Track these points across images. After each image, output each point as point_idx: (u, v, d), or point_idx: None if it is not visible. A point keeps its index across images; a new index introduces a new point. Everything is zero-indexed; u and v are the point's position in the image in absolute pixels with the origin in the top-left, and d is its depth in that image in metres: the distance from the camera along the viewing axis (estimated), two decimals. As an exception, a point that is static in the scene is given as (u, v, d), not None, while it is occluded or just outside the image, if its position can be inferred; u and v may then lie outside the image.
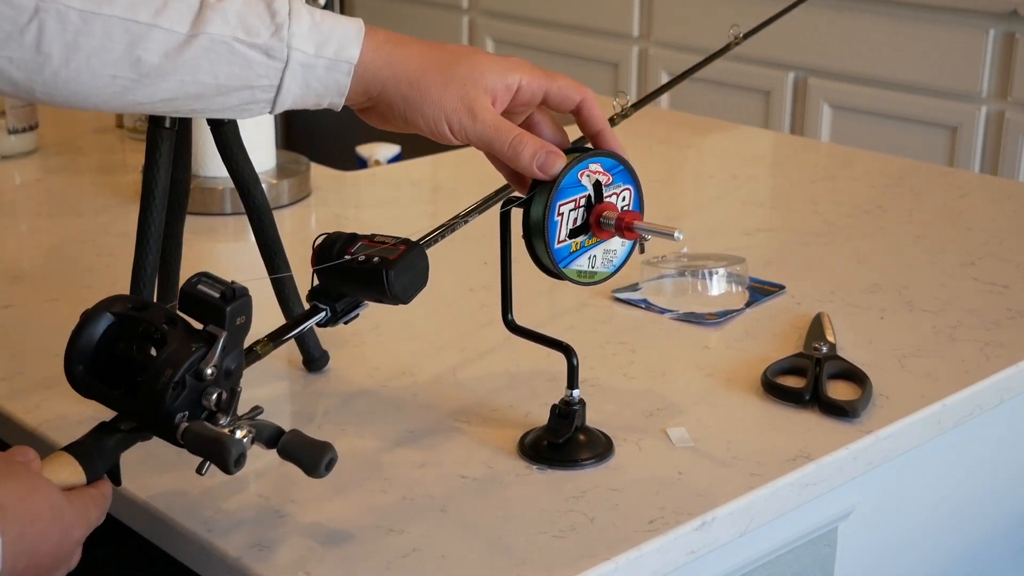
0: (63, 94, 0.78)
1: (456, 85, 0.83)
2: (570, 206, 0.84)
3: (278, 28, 0.79)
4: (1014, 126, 2.57)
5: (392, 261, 0.81)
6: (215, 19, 0.78)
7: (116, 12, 0.76)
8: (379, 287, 0.81)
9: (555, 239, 0.84)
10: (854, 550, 1.02)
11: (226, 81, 0.79)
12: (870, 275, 1.26)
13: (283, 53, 0.79)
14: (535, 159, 0.83)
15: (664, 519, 0.82)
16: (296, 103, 0.82)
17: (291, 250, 1.03)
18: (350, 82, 0.82)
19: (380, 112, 0.85)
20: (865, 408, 0.96)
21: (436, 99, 0.83)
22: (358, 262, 0.81)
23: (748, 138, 1.87)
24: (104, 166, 1.64)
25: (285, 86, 0.80)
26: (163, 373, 0.73)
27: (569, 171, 0.83)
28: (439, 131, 0.84)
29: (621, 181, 0.87)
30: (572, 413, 0.89)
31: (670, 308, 1.16)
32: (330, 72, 0.81)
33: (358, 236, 0.84)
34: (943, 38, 2.60)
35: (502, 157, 0.84)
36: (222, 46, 0.78)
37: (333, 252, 0.83)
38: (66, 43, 0.75)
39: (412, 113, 0.83)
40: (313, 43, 0.80)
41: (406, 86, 0.83)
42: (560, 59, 3.38)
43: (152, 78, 0.78)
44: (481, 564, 0.77)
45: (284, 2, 0.81)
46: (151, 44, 0.76)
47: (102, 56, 0.76)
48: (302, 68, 0.80)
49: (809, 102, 2.88)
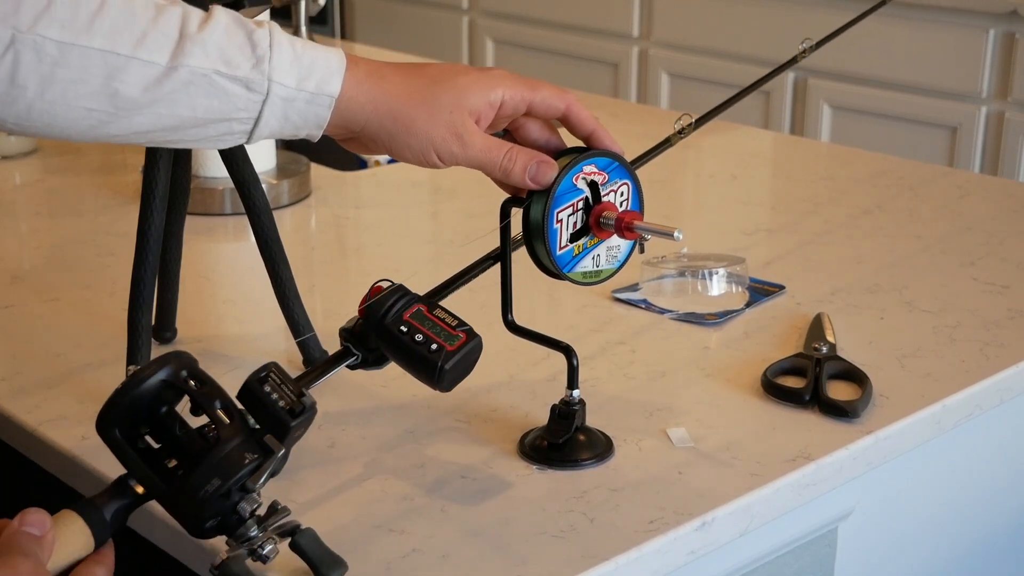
0: (36, 125, 0.76)
1: (441, 113, 0.82)
2: (568, 211, 0.84)
3: (259, 60, 0.78)
4: (1014, 126, 2.57)
5: (450, 353, 0.79)
6: (195, 51, 0.76)
7: (95, 43, 0.74)
8: (428, 372, 0.79)
9: (556, 246, 0.84)
10: (854, 550, 1.02)
11: (204, 114, 0.78)
12: (870, 275, 1.26)
13: (263, 86, 0.78)
14: (527, 172, 0.83)
15: (664, 519, 0.82)
16: (273, 134, 0.81)
17: (291, 250, 1.03)
18: (330, 116, 0.81)
19: (363, 143, 0.84)
20: (865, 408, 0.96)
21: (423, 131, 0.82)
22: (415, 341, 0.80)
23: (748, 138, 1.87)
24: (104, 166, 1.64)
25: (264, 118, 0.79)
26: (209, 480, 0.68)
27: (563, 177, 0.83)
28: (428, 161, 0.83)
29: (618, 177, 0.87)
30: (572, 413, 0.89)
31: (670, 308, 1.16)
32: (310, 105, 0.80)
33: (418, 299, 0.82)
34: (943, 38, 2.60)
35: (495, 178, 0.85)
36: (202, 79, 0.76)
37: (388, 306, 0.81)
38: (42, 75, 0.74)
39: (398, 146, 0.83)
40: (294, 76, 0.79)
41: (390, 120, 0.82)
42: (560, 59, 3.38)
43: (129, 111, 0.76)
44: (481, 564, 0.77)
45: (265, 32, 0.79)
46: (129, 77, 0.75)
47: (78, 88, 0.74)
48: (282, 101, 0.79)
49: (809, 102, 2.88)
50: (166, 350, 1.07)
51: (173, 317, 1.08)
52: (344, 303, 1.19)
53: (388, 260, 1.30)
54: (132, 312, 0.95)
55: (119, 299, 0.83)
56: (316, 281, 1.25)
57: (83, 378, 1.02)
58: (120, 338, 0.97)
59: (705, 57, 3.06)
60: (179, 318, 1.09)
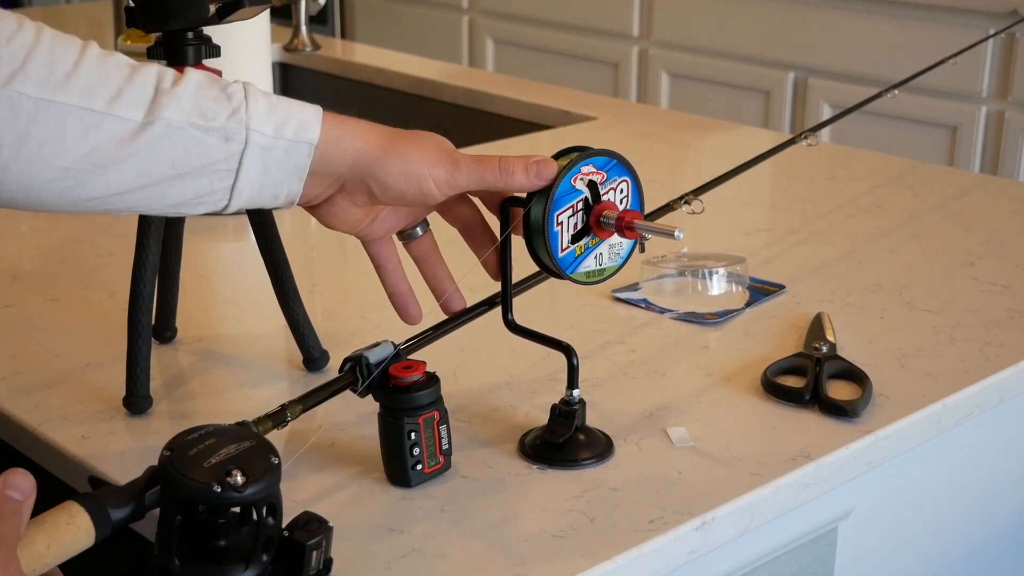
0: (11, 188, 0.74)
1: (429, 143, 0.83)
2: (568, 213, 0.84)
3: (235, 111, 0.77)
4: (1014, 126, 2.57)
5: (425, 475, 0.86)
6: (170, 104, 0.75)
7: (71, 100, 0.73)
8: (396, 473, 0.86)
9: (558, 248, 0.84)
10: (854, 550, 1.02)
11: (183, 169, 0.77)
12: (870, 275, 1.26)
13: (241, 135, 0.77)
14: (529, 173, 0.82)
15: (664, 519, 0.82)
16: (253, 195, 0.79)
17: (291, 250, 1.03)
18: (310, 164, 0.79)
19: (348, 193, 0.83)
20: (865, 408, 0.96)
21: (416, 156, 0.81)
22: (410, 446, 0.85)
23: (748, 138, 1.87)
24: (104, 166, 1.64)
25: (243, 171, 0.78)
26: None
27: (563, 178, 0.83)
28: (423, 190, 0.82)
29: (616, 175, 0.87)
30: (572, 413, 0.89)
31: (670, 308, 1.16)
32: (289, 155, 0.79)
33: (439, 402, 0.85)
34: (943, 38, 2.60)
35: (497, 186, 0.83)
36: (178, 132, 0.76)
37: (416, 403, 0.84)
38: (18, 133, 0.72)
39: (392, 179, 0.81)
40: (271, 124, 0.78)
41: (380, 151, 0.81)
42: (560, 59, 3.38)
43: (106, 167, 0.75)
44: (481, 564, 0.77)
45: (239, 86, 0.79)
46: (105, 133, 0.74)
47: (54, 146, 0.73)
48: (261, 150, 0.78)
49: (809, 102, 2.88)
50: (166, 350, 1.07)
51: (173, 317, 1.08)
52: (344, 303, 1.19)
53: (388, 260, 1.30)
54: (132, 312, 0.95)
55: (119, 299, 0.83)
56: (316, 281, 1.25)
57: (83, 378, 1.02)
58: (120, 338, 0.97)
59: (705, 57, 3.06)
60: (179, 318, 1.09)
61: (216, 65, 0.97)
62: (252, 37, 1.50)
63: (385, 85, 2.21)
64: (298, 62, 2.33)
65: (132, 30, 1.73)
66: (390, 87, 2.20)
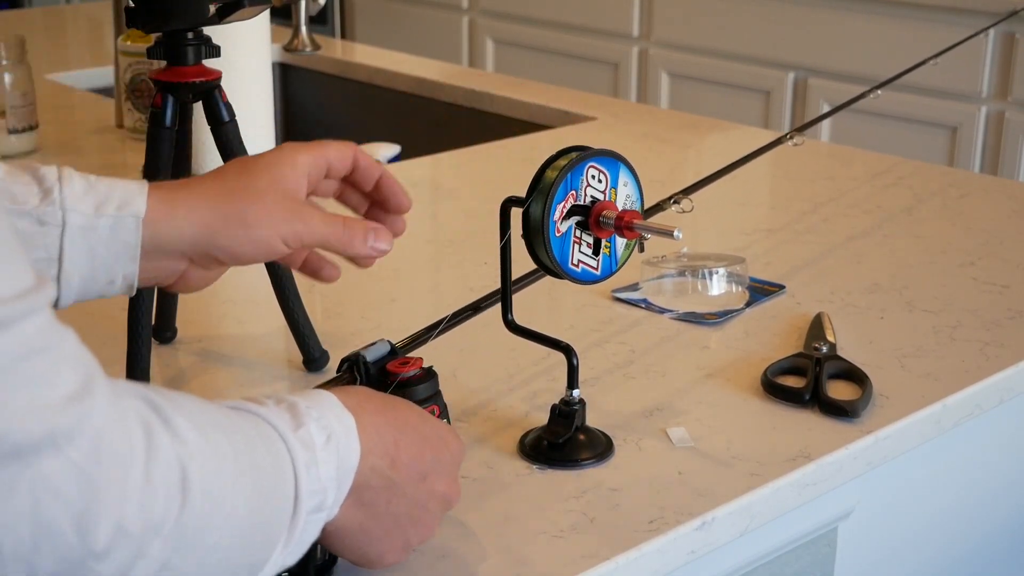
0: None
1: (267, 198, 0.77)
2: (568, 210, 0.84)
3: (47, 192, 0.72)
4: (1014, 126, 2.57)
5: None
6: None
7: None
8: None
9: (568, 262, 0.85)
10: (854, 550, 1.02)
11: None
12: (870, 275, 1.26)
13: (58, 217, 0.71)
14: (367, 240, 0.81)
15: (664, 519, 0.82)
16: (85, 282, 0.74)
17: (291, 250, 1.03)
18: (140, 241, 0.74)
19: (199, 265, 0.78)
20: (865, 408, 0.96)
21: (259, 219, 0.76)
22: None
23: (748, 138, 1.87)
24: (104, 166, 1.64)
25: (66, 255, 0.72)
26: None
27: (564, 177, 0.83)
28: (275, 250, 0.78)
29: (618, 176, 0.86)
30: (572, 413, 0.89)
31: (670, 308, 1.16)
32: (115, 232, 0.73)
33: (439, 396, 0.85)
34: (943, 38, 2.60)
35: (338, 248, 0.81)
36: None
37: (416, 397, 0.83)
38: None
39: (239, 245, 0.76)
40: (90, 203, 0.72)
41: (220, 222, 0.76)
42: (560, 59, 3.38)
43: None
44: (481, 564, 0.77)
45: (52, 168, 0.73)
46: None
47: None
48: (82, 231, 0.72)
49: (809, 102, 2.88)
50: (166, 350, 1.07)
51: (173, 317, 1.08)
52: (344, 303, 1.19)
53: (388, 260, 1.30)
54: (132, 312, 0.95)
55: (119, 299, 0.83)
56: (316, 281, 1.24)
57: (83, 378, 1.02)
58: (120, 338, 0.97)
59: (705, 57, 3.06)
60: (179, 318, 1.09)
61: (216, 65, 0.97)
62: (252, 37, 1.50)
63: (385, 85, 2.21)
64: (298, 62, 2.33)
65: (132, 30, 1.73)
66: (390, 87, 2.20)
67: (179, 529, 0.55)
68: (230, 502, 0.59)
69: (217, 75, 0.96)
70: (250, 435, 0.63)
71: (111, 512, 0.52)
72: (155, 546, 0.54)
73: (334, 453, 0.66)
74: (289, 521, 0.64)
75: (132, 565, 0.54)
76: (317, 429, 0.66)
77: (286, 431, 0.65)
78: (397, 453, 0.70)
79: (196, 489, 0.56)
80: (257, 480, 0.61)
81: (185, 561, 0.56)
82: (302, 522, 0.64)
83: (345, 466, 0.67)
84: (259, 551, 0.62)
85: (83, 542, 0.52)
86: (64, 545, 0.51)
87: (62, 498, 0.51)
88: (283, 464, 0.64)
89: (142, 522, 0.54)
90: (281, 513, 0.63)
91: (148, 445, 0.54)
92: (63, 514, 0.51)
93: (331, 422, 0.67)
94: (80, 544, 0.52)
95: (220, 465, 0.58)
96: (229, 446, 0.60)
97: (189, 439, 0.57)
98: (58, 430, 0.50)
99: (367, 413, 0.69)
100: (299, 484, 0.64)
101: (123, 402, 0.55)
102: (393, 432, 0.71)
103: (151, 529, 0.54)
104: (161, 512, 0.54)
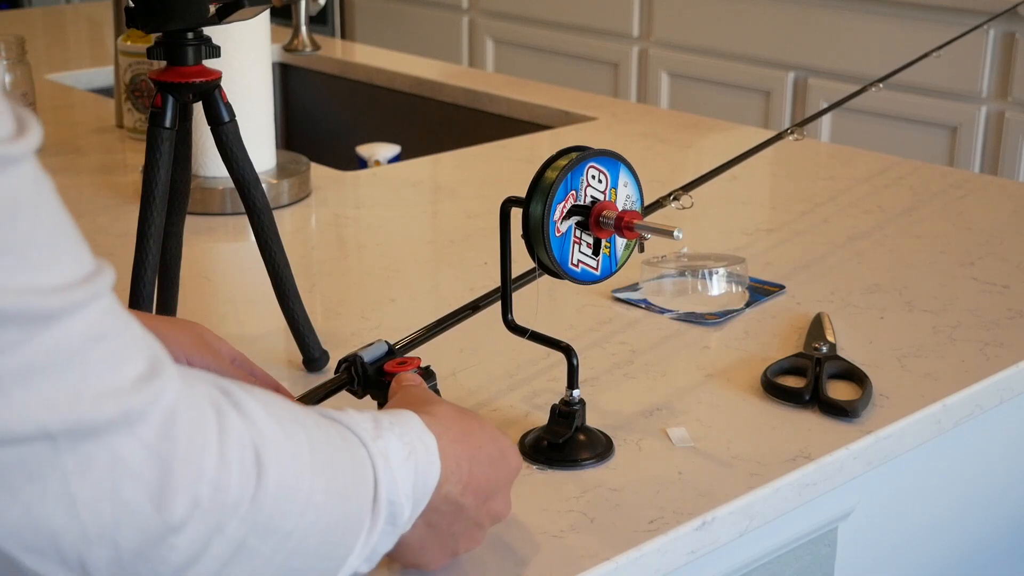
0: None
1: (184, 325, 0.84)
2: (568, 210, 0.84)
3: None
4: (1014, 126, 2.57)
5: None
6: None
7: None
8: None
9: (568, 262, 0.85)
10: (854, 550, 1.02)
11: None
12: (870, 275, 1.26)
13: None
14: None
15: (664, 519, 0.82)
16: None
17: (291, 250, 1.03)
18: None
19: None
20: (865, 408, 0.96)
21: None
22: None
23: (748, 138, 1.87)
24: (104, 166, 1.64)
25: None
26: None
27: (564, 177, 0.83)
28: None
29: (618, 176, 0.87)
30: (572, 413, 0.89)
31: (670, 308, 1.16)
32: None
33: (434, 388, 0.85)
34: (943, 38, 2.60)
35: None
36: None
37: None
38: None
39: None
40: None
41: None
42: (560, 59, 3.38)
43: None
44: (481, 564, 0.77)
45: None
46: None
47: None
48: None
49: (809, 102, 2.88)
50: (166, 350, 1.07)
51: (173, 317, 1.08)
52: (344, 303, 1.19)
53: (388, 260, 1.30)
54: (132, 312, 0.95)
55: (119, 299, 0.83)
56: (316, 281, 1.25)
57: (83, 378, 1.02)
58: (120, 338, 0.97)
59: (705, 57, 3.06)
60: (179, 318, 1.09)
61: (216, 65, 0.97)
62: (252, 37, 1.50)
63: (385, 85, 2.21)
64: (298, 62, 2.33)
65: (132, 30, 1.73)
66: (390, 87, 2.20)
67: (255, 510, 0.56)
68: (307, 492, 0.59)
69: (217, 75, 0.96)
70: (330, 434, 0.63)
71: (187, 488, 0.53)
72: (232, 524, 0.55)
73: (412, 470, 0.67)
74: (368, 524, 0.64)
75: (209, 541, 0.55)
76: (399, 443, 0.66)
77: (367, 438, 0.65)
78: (469, 480, 0.71)
79: (271, 472, 0.57)
80: (335, 477, 0.61)
81: (263, 543, 0.57)
82: (379, 531, 0.64)
83: (422, 484, 0.67)
84: (336, 549, 0.62)
85: (161, 517, 0.53)
86: (143, 520, 0.53)
87: (138, 476, 0.52)
88: (363, 469, 0.64)
89: (218, 499, 0.55)
90: (359, 517, 0.63)
91: (220, 426, 0.55)
92: (140, 491, 0.52)
93: (413, 439, 0.68)
94: (159, 520, 0.53)
95: (296, 453, 0.59)
96: (306, 438, 0.60)
97: (261, 424, 0.58)
98: (130, 411, 0.52)
99: (448, 440, 0.70)
100: (378, 491, 0.64)
101: (193, 385, 0.56)
102: (469, 460, 0.72)
103: (228, 507, 0.55)
104: (236, 490, 0.55)
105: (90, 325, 0.51)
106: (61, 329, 0.50)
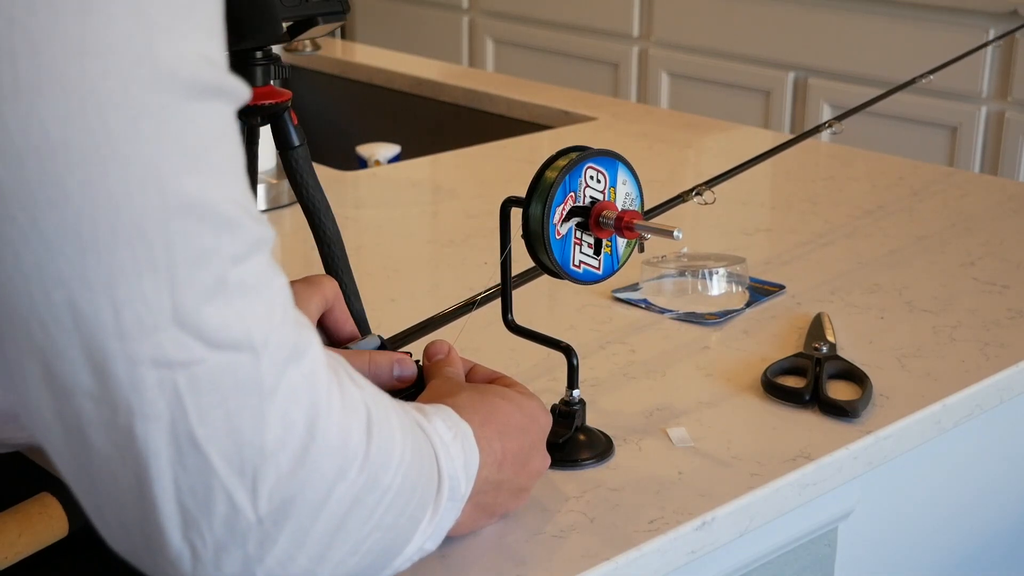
0: None
1: None
2: (568, 211, 0.84)
3: None
4: (1014, 126, 2.57)
5: None
6: None
7: None
8: None
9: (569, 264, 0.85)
10: (854, 550, 1.02)
11: None
12: (870, 275, 1.26)
13: None
14: (394, 372, 0.85)
15: (664, 519, 0.82)
16: None
17: (292, 250, 1.03)
18: None
19: None
20: (865, 408, 0.96)
21: None
22: None
23: (748, 138, 1.87)
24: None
25: None
26: None
27: (563, 177, 0.83)
28: None
29: (617, 176, 0.87)
30: (572, 413, 0.89)
31: (670, 308, 1.16)
32: None
33: None
34: (943, 38, 2.60)
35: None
36: None
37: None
38: None
39: None
40: None
41: None
42: (560, 59, 3.38)
43: None
44: (481, 564, 0.77)
45: None
46: None
47: None
48: None
49: (809, 102, 2.88)
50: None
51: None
52: (344, 303, 1.19)
53: (388, 260, 1.30)
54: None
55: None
56: (316, 281, 1.24)
57: (83, 378, 1.02)
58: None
59: (705, 57, 3.06)
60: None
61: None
62: (252, 37, 1.50)
63: (385, 85, 2.21)
64: (298, 62, 2.33)
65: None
66: (390, 87, 2.21)
67: (368, 462, 0.60)
68: (399, 451, 0.63)
69: (287, 96, 0.90)
70: (397, 407, 0.66)
71: (324, 429, 0.57)
72: (353, 471, 0.59)
73: (460, 449, 0.71)
74: (435, 492, 0.68)
75: (335, 483, 0.58)
76: (444, 425, 0.71)
77: (420, 419, 0.69)
78: (503, 456, 0.75)
79: (376, 428, 0.61)
80: (416, 441, 0.66)
81: (369, 495, 0.61)
82: (443, 503, 0.69)
83: (472, 464, 0.72)
84: (417, 511, 0.66)
85: (307, 448, 0.57)
86: (299, 445, 0.56)
87: (299, 404, 0.56)
88: (424, 443, 0.68)
89: (343, 445, 0.59)
90: (431, 482, 0.67)
91: (340, 384, 0.60)
92: (301, 417, 0.56)
93: (456, 422, 0.72)
94: (306, 452, 0.57)
95: (388, 416, 0.63)
96: (391, 404, 0.65)
97: (365, 386, 0.63)
98: (299, 344, 0.57)
99: (477, 425, 0.74)
100: (440, 463, 0.68)
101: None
102: (499, 438, 0.75)
103: (350, 454, 0.59)
104: (356, 441, 0.59)
105: (271, 258, 0.56)
106: (265, 254, 0.55)
